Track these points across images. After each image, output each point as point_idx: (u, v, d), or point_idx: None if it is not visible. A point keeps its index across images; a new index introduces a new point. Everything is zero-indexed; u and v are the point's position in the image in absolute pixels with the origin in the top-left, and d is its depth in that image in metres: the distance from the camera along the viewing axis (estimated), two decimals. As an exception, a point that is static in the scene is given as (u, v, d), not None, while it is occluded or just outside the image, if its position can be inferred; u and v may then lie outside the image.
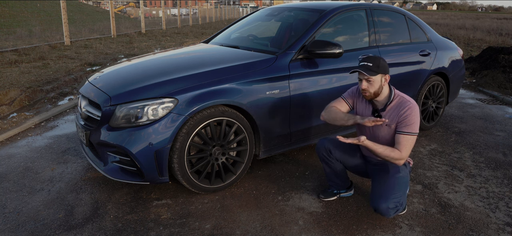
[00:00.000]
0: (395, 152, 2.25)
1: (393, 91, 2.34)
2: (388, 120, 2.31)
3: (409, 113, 2.24)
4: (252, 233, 2.27)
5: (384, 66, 2.28)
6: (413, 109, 2.25)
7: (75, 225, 2.31)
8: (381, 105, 2.36)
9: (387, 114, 2.33)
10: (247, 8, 60.85)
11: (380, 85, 2.29)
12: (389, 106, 2.33)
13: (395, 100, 2.33)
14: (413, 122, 2.24)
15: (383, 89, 2.32)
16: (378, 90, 2.30)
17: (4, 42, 10.03)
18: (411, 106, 2.26)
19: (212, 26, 22.87)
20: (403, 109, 2.27)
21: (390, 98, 2.33)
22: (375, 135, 2.42)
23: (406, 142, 2.25)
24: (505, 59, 7.32)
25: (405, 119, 2.25)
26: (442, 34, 16.17)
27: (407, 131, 2.25)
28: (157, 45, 11.62)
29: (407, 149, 2.25)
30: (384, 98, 2.34)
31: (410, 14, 4.13)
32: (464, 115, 4.85)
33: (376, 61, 2.27)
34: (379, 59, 2.28)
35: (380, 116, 2.35)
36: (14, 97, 4.91)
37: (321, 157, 2.58)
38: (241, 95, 2.63)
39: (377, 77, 2.26)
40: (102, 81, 2.77)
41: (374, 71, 2.24)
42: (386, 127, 2.34)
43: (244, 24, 4.12)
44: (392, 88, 2.36)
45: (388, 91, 2.35)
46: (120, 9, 42.47)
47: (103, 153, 2.53)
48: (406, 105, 2.27)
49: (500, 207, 2.61)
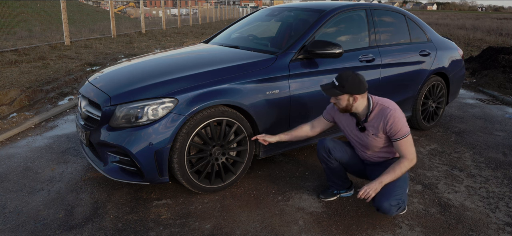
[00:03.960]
0: (403, 162, 2.25)
1: (371, 101, 2.35)
2: (372, 130, 2.34)
3: (392, 121, 2.25)
4: (252, 233, 2.27)
5: (352, 87, 2.24)
6: (394, 115, 2.26)
7: (75, 225, 2.31)
8: (363, 116, 2.38)
9: (370, 124, 2.36)
10: (247, 8, 60.85)
11: (349, 103, 2.31)
12: (370, 116, 2.35)
13: (375, 109, 2.34)
14: (400, 126, 2.25)
15: (356, 105, 2.32)
16: (347, 107, 2.33)
17: (4, 42, 10.03)
18: (392, 113, 2.27)
19: (212, 26, 22.87)
20: (386, 119, 2.27)
21: (369, 108, 2.34)
22: (364, 144, 2.45)
23: (405, 145, 2.26)
24: (505, 59, 7.32)
25: (392, 128, 2.26)
26: (442, 34, 16.17)
27: (400, 137, 2.26)
28: (157, 45, 11.63)
29: (409, 150, 2.26)
30: (363, 109, 2.35)
31: (410, 14, 4.13)
32: (464, 115, 4.85)
33: (343, 80, 2.26)
34: (348, 78, 2.25)
35: (364, 128, 2.38)
36: (14, 97, 4.91)
37: (320, 158, 2.59)
38: (241, 95, 2.63)
39: (342, 97, 2.29)
40: (102, 81, 2.77)
41: (338, 91, 2.27)
42: (373, 137, 2.37)
43: (244, 24, 4.12)
44: (370, 97, 2.36)
45: (366, 102, 2.35)
46: (120, 9, 42.49)
47: (103, 153, 2.53)
48: (387, 113, 2.28)
49: (500, 207, 2.61)
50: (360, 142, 2.47)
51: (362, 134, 2.42)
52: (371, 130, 2.35)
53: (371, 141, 2.39)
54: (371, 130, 2.35)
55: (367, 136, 2.39)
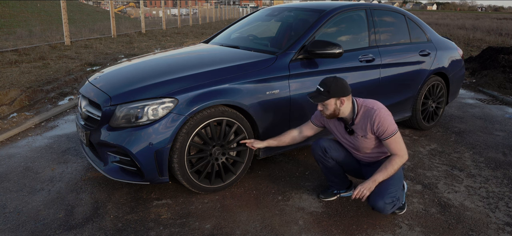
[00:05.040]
0: (394, 159, 2.27)
1: (355, 104, 2.36)
2: (361, 132, 2.36)
3: (379, 121, 2.26)
4: (252, 233, 2.27)
5: (337, 90, 2.27)
6: (380, 115, 2.27)
7: (75, 225, 2.31)
8: (349, 120, 2.40)
9: (357, 126, 2.37)
10: (247, 8, 60.84)
11: (336, 107, 2.32)
12: (356, 119, 2.36)
13: (360, 111, 2.35)
14: (387, 125, 2.26)
15: (343, 108, 2.33)
16: (334, 112, 2.34)
17: (4, 42, 10.03)
18: (377, 113, 2.28)
19: (212, 26, 22.87)
20: (372, 120, 2.28)
21: (354, 111, 2.35)
22: (355, 147, 2.47)
23: (395, 143, 2.28)
24: (505, 59, 7.32)
25: (379, 128, 2.27)
26: (442, 34, 16.17)
27: (388, 135, 2.27)
28: (157, 45, 11.63)
29: (398, 147, 2.28)
30: (349, 113, 2.37)
31: (410, 14, 4.13)
32: (464, 115, 4.85)
33: (328, 85, 2.28)
34: (332, 83, 2.28)
35: (352, 131, 2.40)
36: (14, 97, 4.92)
37: (316, 158, 2.60)
38: (241, 95, 2.63)
39: (329, 101, 2.30)
40: (102, 81, 2.77)
41: (325, 96, 2.28)
42: (362, 139, 2.38)
43: (244, 24, 4.12)
44: (355, 100, 2.37)
45: (351, 106, 2.36)
46: (120, 9, 42.49)
47: (103, 153, 2.53)
48: (373, 113, 2.29)
49: (500, 207, 2.61)
50: (351, 145, 2.49)
51: (352, 137, 2.44)
52: (359, 132, 2.37)
53: (361, 143, 2.40)
54: (360, 132, 2.37)
55: (357, 138, 2.40)
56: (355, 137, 2.41)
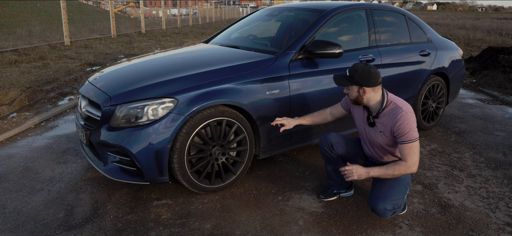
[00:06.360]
0: (400, 163, 2.18)
1: (385, 97, 2.28)
2: (381, 127, 2.29)
3: (402, 122, 2.17)
4: (252, 233, 2.27)
5: (362, 78, 2.21)
6: (405, 117, 2.18)
7: (75, 225, 2.31)
8: (374, 111, 2.32)
9: (380, 120, 2.29)
10: (247, 8, 60.85)
11: (358, 95, 2.27)
12: (382, 112, 2.28)
13: (388, 106, 2.26)
14: (409, 129, 2.17)
15: (366, 97, 2.27)
16: (357, 99, 2.30)
17: (4, 42, 10.03)
18: (404, 114, 2.19)
19: (212, 26, 22.87)
20: (396, 119, 2.20)
21: (382, 104, 2.27)
22: (371, 139, 2.41)
23: (409, 150, 2.18)
24: (505, 59, 7.32)
25: (399, 129, 2.18)
26: (442, 34, 16.18)
27: (406, 140, 2.17)
28: (157, 45, 11.62)
29: (412, 156, 2.17)
30: (375, 104, 2.29)
31: (410, 14, 4.13)
32: (464, 115, 4.85)
33: (354, 71, 2.25)
34: (357, 70, 2.23)
35: (373, 123, 2.33)
36: (14, 97, 4.91)
37: (322, 152, 2.58)
38: (241, 95, 2.63)
39: (352, 87, 2.28)
40: (102, 81, 2.77)
41: (348, 80, 2.26)
42: (380, 134, 2.31)
43: (244, 24, 4.12)
44: (386, 94, 2.29)
45: (380, 97, 2.29)
46: (120, 9, 42.48)
47: (103, 153, 2.53)
48: (398, 113, 2.20)
49: (500, 207, 2.61)
50: (367, 136, 2.43)
51: (370, 129, 2.37)
52: (379, 127, 2.30)
53: (377, 138, 2.34)
54: (380, 127, 2.29)
55: (375, 132, 2.33)
56: (374, 130, 2.33)
